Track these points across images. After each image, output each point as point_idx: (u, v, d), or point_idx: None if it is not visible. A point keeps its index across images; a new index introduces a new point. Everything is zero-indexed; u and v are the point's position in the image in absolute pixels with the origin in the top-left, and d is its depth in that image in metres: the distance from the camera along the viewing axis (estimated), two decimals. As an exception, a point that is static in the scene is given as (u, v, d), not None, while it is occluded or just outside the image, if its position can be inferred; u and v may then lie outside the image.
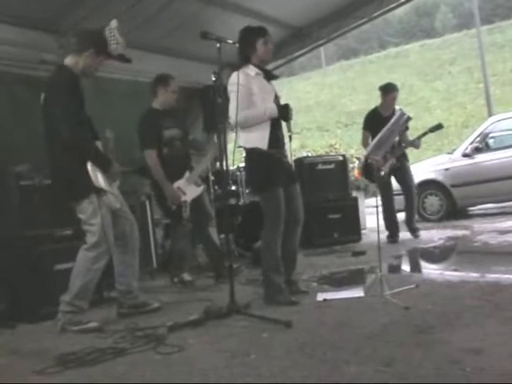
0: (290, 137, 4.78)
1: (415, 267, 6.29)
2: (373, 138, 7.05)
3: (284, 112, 4.67)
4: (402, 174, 7.81)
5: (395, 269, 5.91)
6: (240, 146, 4.70)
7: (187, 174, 5.83)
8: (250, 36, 4.68)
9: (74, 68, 4.35)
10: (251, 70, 4.64)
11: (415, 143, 7.57)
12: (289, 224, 4.74)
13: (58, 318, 4.29)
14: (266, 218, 4.67)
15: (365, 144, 7.56)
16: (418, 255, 6.82)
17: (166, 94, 5.82)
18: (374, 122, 7.19)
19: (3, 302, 4.85)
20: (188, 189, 5.79)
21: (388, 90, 7.76)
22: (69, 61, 4.39)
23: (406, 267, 6.18)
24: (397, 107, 7.32)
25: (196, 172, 5.92)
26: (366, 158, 7.13)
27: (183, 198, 5.72)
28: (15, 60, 6.26)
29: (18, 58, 6.28)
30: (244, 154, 4.84)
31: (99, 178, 4.28)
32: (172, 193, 5.69)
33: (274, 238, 4.62)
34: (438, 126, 7.49)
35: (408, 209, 8.00)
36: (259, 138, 4.58)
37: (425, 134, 7.50)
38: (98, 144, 4.45)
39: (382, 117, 7.27)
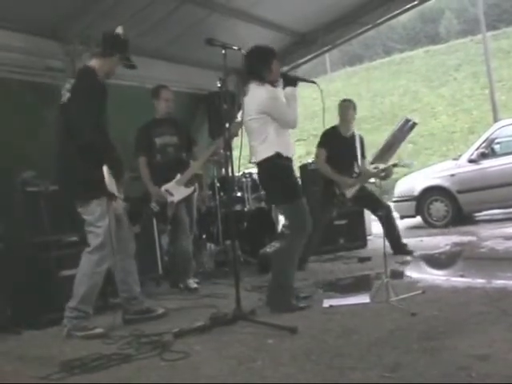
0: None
1: (421, 273, 6.26)
2: (329, 156, 6.77)
3: (288, 79, 4.81)
4: (369, 197, 6.98)
5: (401, 275, 5.89)
6: (262, 159, 4.66)
7: (178, 176, 5.95)
8: (266, 57, 4.75)
9: (99, 71, 4.42)
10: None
11: (384, 173, 6.16)
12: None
13: (63, 324, 4.31)
14: (294, 227, 4.74)
15: (321, 162, 6.87)
16: (423, 261, 6.79)
17: (158, 104, 6.09)
18: (333, 140, 6.87)
19: (9, 308, 4.86)
20: (176, 190, 5.92)
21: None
22: (94, 63, 4.45)
23: (411, 273, 6.15)
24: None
25: (187, 174, 6.01)
26: (326, 175, 6.77)
27: (170, 199, 5.87)
28: (21, 67, 6.28)
29: (24, 65, 6.30)
30: (262, 165, 4.75)
31: (112, 183, 4.34)
32: (156, 193, 5.85)
33: (299, 246, 4.68)
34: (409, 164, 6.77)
35: (391, 229, 6.80)
36: (280, 144, 4.65)
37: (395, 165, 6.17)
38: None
39: (341, 136, 6.94)
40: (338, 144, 6.79)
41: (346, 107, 7.02)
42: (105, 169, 4.27)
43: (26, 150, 6.05)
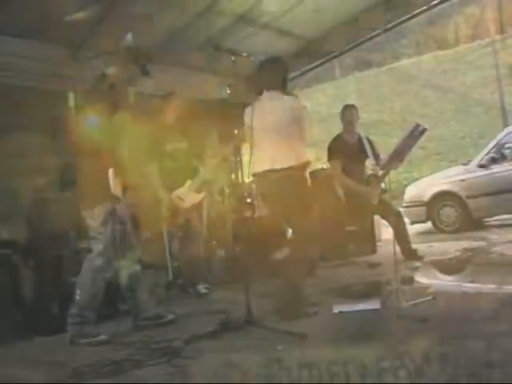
0: None
1: (431, 279, 6.23)
2: (343, 167, 6.78)
3: None
4: (380, 202, 6.64)
5: (411, 280, 5.86)
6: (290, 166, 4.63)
7: (188, 182, 5.98)
8: (286, 69, 4.93)
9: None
10: None
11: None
12: None
13: (67, 331, 4.31)
14: (304, 235, 4.73)
15: (339, 175, 6.86)
16: (434, 267, 6.76)
17: (167, 111, 6.13)
18: (341, 149, 6.90)
19: (20, 314, 4.88)
20: (187, 196, 5.96)
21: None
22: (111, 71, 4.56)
23: (422, 279, 6.13)
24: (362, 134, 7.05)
25: (197, 180, 6.05)
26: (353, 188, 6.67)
27: (181, 205, 5.91)
28: (30, 73, 6.30)
29: (33, 72, 6.33)
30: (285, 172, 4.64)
31: (116, 186, 4.35)
32: (167, 199, 5.89)
33: (309, 252, 4.80)
34: None
35: (401, 235, 6.52)
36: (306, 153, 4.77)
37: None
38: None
39: (348, 143, 6.99)
40: (345, 152, 6.77)
41: (349, 113, 7.10)
42: (110, 173, 4.29)
43: (37, 156, 6.09)
